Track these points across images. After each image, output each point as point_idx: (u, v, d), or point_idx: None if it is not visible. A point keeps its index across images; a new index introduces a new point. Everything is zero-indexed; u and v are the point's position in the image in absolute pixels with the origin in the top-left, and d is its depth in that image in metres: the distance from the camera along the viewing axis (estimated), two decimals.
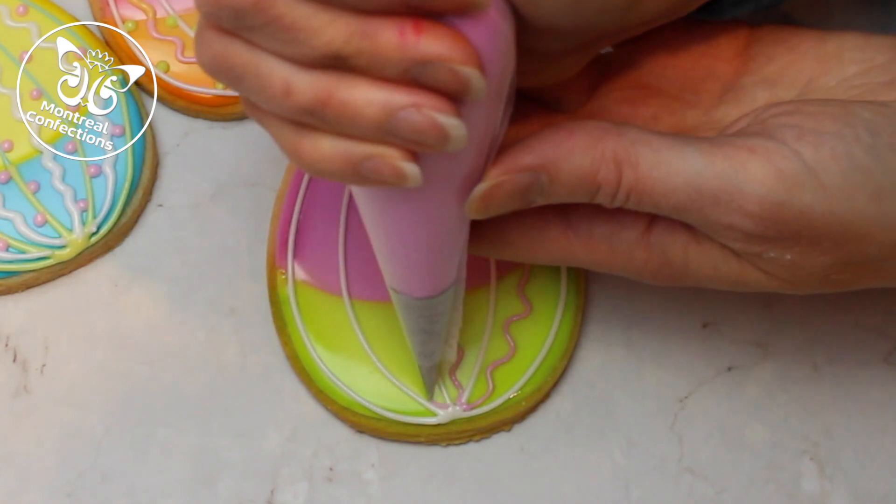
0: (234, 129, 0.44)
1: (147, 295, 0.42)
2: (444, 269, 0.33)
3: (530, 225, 0.34)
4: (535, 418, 0.41)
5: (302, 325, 0.40)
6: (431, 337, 0.37)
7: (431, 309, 0.35)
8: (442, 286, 0.34)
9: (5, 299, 0.41)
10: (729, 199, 0.31)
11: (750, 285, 0.33)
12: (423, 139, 0.26)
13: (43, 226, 0.40)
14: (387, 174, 0.27)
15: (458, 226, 0.32)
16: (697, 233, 0.33)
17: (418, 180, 0.27)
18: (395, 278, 0.34)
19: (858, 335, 0.42)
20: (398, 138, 0.26)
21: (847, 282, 0.33)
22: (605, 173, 0.31)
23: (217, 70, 0.27)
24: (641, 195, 0.31)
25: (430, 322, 0.35)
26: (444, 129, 0.26)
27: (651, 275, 0.34)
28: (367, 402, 0.40)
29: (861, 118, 0.31)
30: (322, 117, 0.26)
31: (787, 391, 0.42)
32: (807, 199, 0.30)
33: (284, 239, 0.41)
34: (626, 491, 0.40)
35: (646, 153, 0.31)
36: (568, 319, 0.41)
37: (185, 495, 0.40)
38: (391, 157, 0.27)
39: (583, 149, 0.31)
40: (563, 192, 0.31)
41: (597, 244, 0.34)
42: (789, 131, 0.31)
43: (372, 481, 0.40)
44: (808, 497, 0.40)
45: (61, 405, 0.40)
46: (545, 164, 0.31)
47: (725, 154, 0.31)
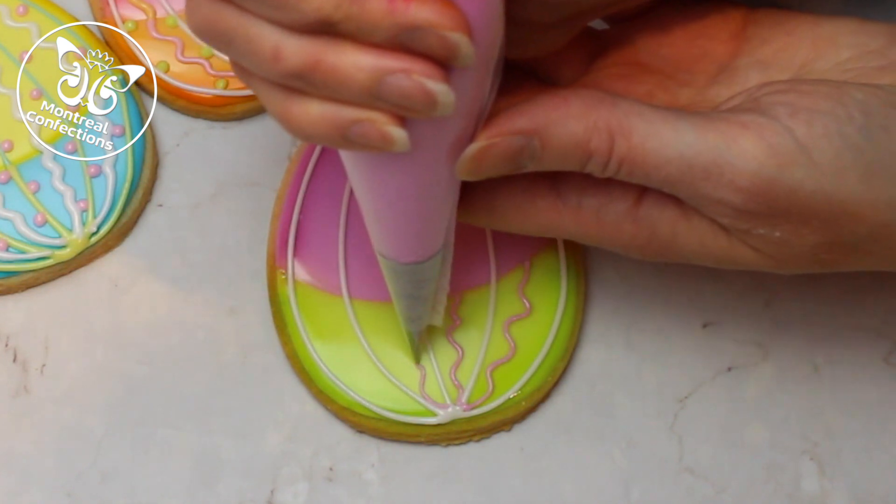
0: (234, 129, 0.44)
1: (147, 295, 0.42)
2: (431, 234, 0.33)
3: (520, 194, 0.34)
4: (535, 418, 0.41)
5: (302, 325, 0.40)
6: (418, 302, 0.37)
7: (418, 274, 0.35)
8: (429, 252, 0.34)
9: (5, 299, 0.41)
10: (720, 174, 0.31)
11: (737, 262, 0.33)
12: (411, 104, 0.26)
13: (43, 226, 0.40)
14: (374, 139, 0.27)
15: (446, 192, 0.32)
16: (686, 208, 0.33)
17: (405, 145, 0.27)
18: (383, 243, 0.34)
19: (858, 335, 0.42)
20: (386, 103, 0.27)
21: (835, 262, 0.33)
22: (597, 142, 0.31)
23: (207, 34, 0.28)
24: (633, 166, 0.31)
25: (416, 287, 0.36)
26: (433, 94, 0.26)
27: (639, 249, 0.34)
28: (367, 402, 0.40)
29: (854, 98, 0.31)
30: (311, 82, 0.27)
31: (787, 391, 0.42)
32: (798, 176, 0.31)
33: (284, 239, 0.41)
34: (626, 491, 0.40)
35: (639, 124, 0.31)
36: (568, 319, 0.41)
37: (185, 495, 0.40)
38: (379, 122, 0.27)
39: (576, 116, 0.31)
40: (554, 158, 0.31)
41: (585, 216, 0.34)
42: (782, 108, 0.31)
43: (372, 481, 0.40)
44: (808, 497, 0.41)
45: (61, 405, 0.40)
46: (538, 129, 0.31)
47: (718, 129, 0.31)
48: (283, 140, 0.43)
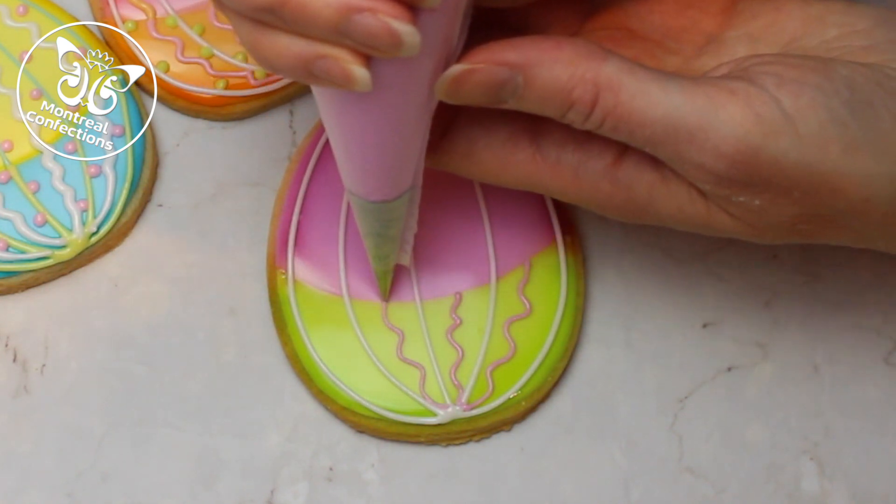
0: (234, 129, 0.44)
1: (147, 295, 0.42)
2: (398, 174, 0.33)
3: (500, 144, 0.34)
4: (535, 418, 0.41)
5: (302, 325, 0.40)
6: (386, 241, 0.37)
7: (386, 213, 0.35)
8: (396, 191, 0.34)
9: (5, 299, 0.41)
10: (704, 138, 0.31)
11: (715, 228, 0.34)
12: (376, 43, 0.27)
13: (43, 226, 0.40)
14: (337, 75, 0.28)
15: (413, 132, 0.32)
16: (665, 173, 0.33)
17: (367, 85, 0.28)
18: (351, 180, 0.34)
19: (858, 335, 0.42)
20: (352, 41, 0.27)
21: (812, 233, 0.33)
22: (580, 92, 0.31)
23: None
24: (618, 122, 0.31)
25: (384, 226, 0.36)
26: (398, 34, 0.26)
27: (615, 209, 0.34)
28: (367, 402, 0.40)
29: (840, 74, 0.32)
30: (280, 15, 0.27)
31: (787, 391, 0.42)
32: (782, 146, 0.31)
33: (284, 239, 0.41)
34: (626, 491, 0.40)
35: (628, 81, 0.31)
36: (568, 319, 0.41)
37: (185, 495, 0.40)
38: (342, 60, 0.27)
39: (565, 62, 0.31)
40: (534, 99, 0.31)
41: (563, 172, 0.34)
42: (770, 79, 0.31)
43: (372, 481, 0.40)
44: (808, 497, 0.41)
45: (61, 405, 0.40)
46: (525, 65, 0.31)
47: (706, 93, 0.31)
48: (283, 140, 0.43)
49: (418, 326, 0.40)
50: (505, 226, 0.41)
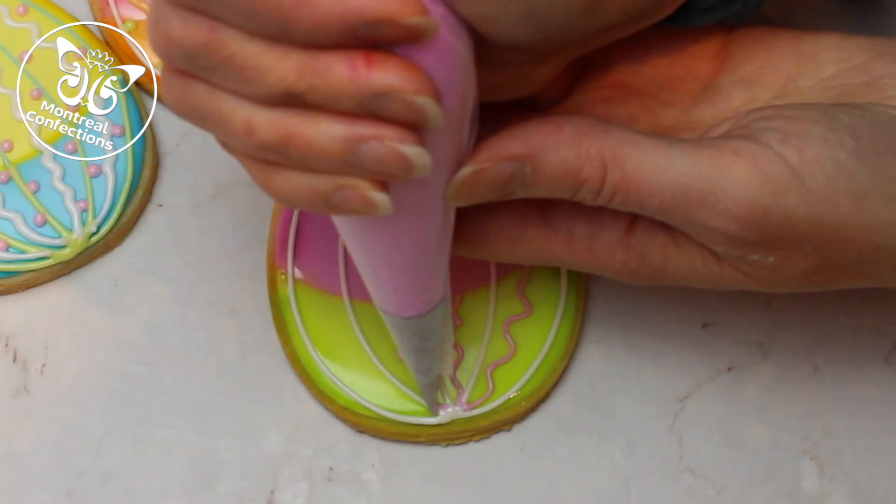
0: None
1: (147, 295, 0.42)
2: (428, 287, 0.33)
3: (510, 224, 0.34)
4: (535, 418, 0.41)
5: (302, 325, 0.40)
6: (426, 354, 0.37)
7: (422, 327, 0.35)
8: (429, 304, 0.34)
9: (5, 299, 0.41)
10: (714, 202, 0.30)
11: (728, 285, 0.34)
12: (388, 169, 0.26)
13: (43, 226, 0.40)
14: (357, 204, 0.27)
15: (438, 243, 0.32)
16: (677, 235, 0.33)
17: (388, 209, 0.27)
18: (383, 299, 0.34)
19: (858, 335, 0.42)
20: (363, 170, 0.26)
21: (825, 282, 0.33)
22: (589, 170, 0.31)
23: (183, 112, 0.28)
24: (627, 194, 0.31)
25: (422, 340, 0.36)
26: (408, 158, 0.26)
27: (630, 274, 0.34)
28: (367, 402, 0.40)
29: (843, 123, 0.31)
30: (286, 154, 0.27)
31: (787, 391, 0.42)
32: (791, 203, 0.30)
33: (284, 239, 0.41)
34: (626, 491, 0.40)
35: (632, 152, 0.31)
36: (568, 319, 0.41)
37: (185, 495, 0.40)
38: (360, 188, 0.27)
39: (569, 143, 0.31)
40: (544, 185, 0.31)
41: (577, 244, 0.34)
42: (773, 135, 0.31)
43: (372, 481, 0.40)
44: (808, 497, 0.41)
45: (61, 405, 0.41)
46: (530, 154, 0.31)
47: (711, 156, 0.31)
48: None
49: None
50: None
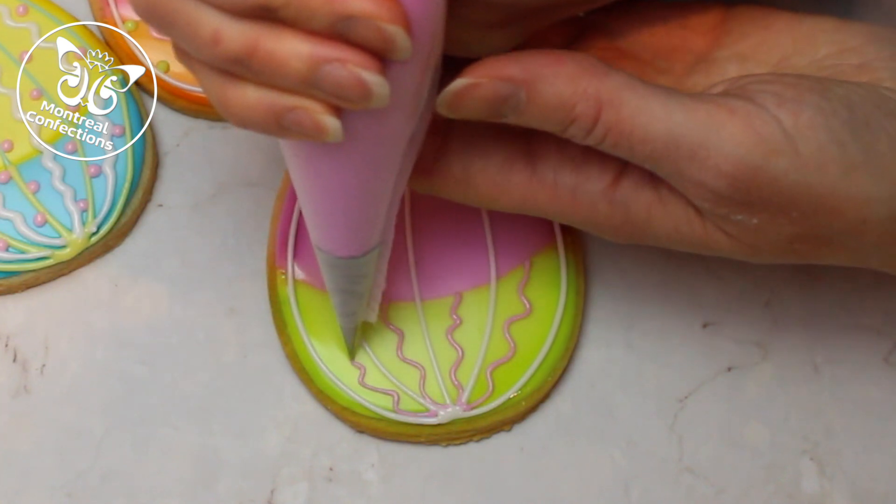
0: (234, 129, 0.44)
1: (147, 295, 0.42)
2: (366, 230, 0.33)
3: (496, 168, 0.34)
4: (535, 418, 0.41)
5: (302, 325, 0.40)
6: (353, 297, 0.37)
7: (353, 269, 0.35)
8: (364, 248, 0.34)
9: (5, 299, 0.41)
10: (706, 156, 0.31)
11: (711, 248, 0.34)
12: (346, 94, 0.27)
13: (43, 226, 0.40)
14: (308, 127, 0.27)
15: (383, 187, 0.32)
16: (663, 193, 0.33)
17: (339, 136, 0.27)
18: (319, 236, 0.34)
19: (858, 335, 0.42)
20: (321, 92, 0.27)
21: (808, 253, 0.33)
22: (582, 107, 0.31)
23: (150, 16, 0.28)
24: (619, 137, 0.31)
25: (351, 283, 0.36)
26: (368, 85, 0.26)
27: (612, 230, 0.34)
28: (367, 402, 0.40)
29: (837, 94, 0.32)
30: (249, 67, 0.27)
31: (787, 391, 0.42)
32: (781, 166, 0.31)
33: (284, 239, 0.41)
34: (626, 491, 0.40)
35: (630, 97, 0.31)
36: (568, 319, 0.41)
37: (185, 495, 0.40)
38: (313, 111, 0.27)
39: (567, 77, 0.31)
40: (537, 114, 0.31)
41: (561, 193, 0.34)
42: (770, 98, 0.31)
43: (372, 481, 0.40)
44: (808, 497, 0.41)
45: (61, 405, 0.41)
46: (528, 80, 0.31)
47: (707, 111, 0.31)
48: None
49: (418, 326, 0.40)
50: (505, 226, 0.41)
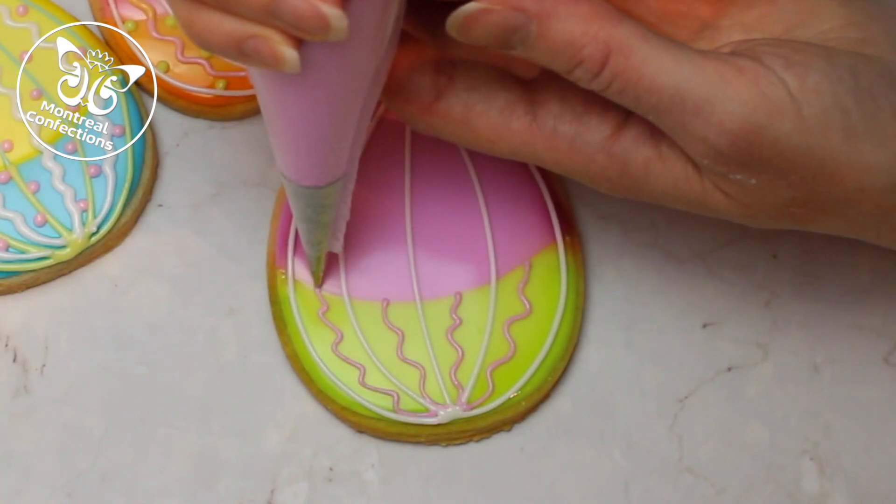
0: (234, 129, 0.44)
1: (147, 295, 0.42)
2: (329, 161, 0.34)
3: (496, 112, 0.34)
4: (535, 418, 0.41)
5: (302, 325, 0.40)
6: (318, 227, 0.37)
7: (318, 199, 0.35)
8: (327, 178, 0.34)
9: (5, 299, 0.41)
10: (710, 112, 0.31)
11: (708, 207, 0.34)
12: (304, 25, 0.27)
13: (43, 226, 0.40)
14: (266, 56, 0.28)
15: (346, 120, 0.32)
16: (662, 149, 0.33)
17: (296, 67, 0.28)
18: (283, 163, 0.34)
19: (858, 335, 0.42)
20: (281, 22, 0.27)
21: (804, 218, 0.34)
22: (591, 51, 0.31)
23: None
24: (626, 85, 0.31)
25: (316, 212, 0.36)
26: (326, 17, 0.27)
27: (608, 182, 0.34)
28: (367, 402, 0.40)
29: (843, 61, 0.32)
30: None
31: (787, 391, 0.42)
32: (785, 128, 0.31)
33: (284, 239, 0.41)
34: (626, 491, 0.40)
35: (641, 46, 0.31)
36: (568, 319, 0.41)
37: (185, 495, 0.40)
38: (272, 40, 0.28)
39: (581, 17, 0.31)
40: (544, 50, 0.31)
41: (559, 142, 0.34)
42: (777, 60, 0.31)
43: (372, 481, 0.40)
44: (808, 497, 0.40)
45: (61, 405, 0.40)
46: (541, 14, 0.31)
47: (715, 68, 0.31)
48: None
49: (418, 326, 0.40)
50: (505, 226, 0.41)
